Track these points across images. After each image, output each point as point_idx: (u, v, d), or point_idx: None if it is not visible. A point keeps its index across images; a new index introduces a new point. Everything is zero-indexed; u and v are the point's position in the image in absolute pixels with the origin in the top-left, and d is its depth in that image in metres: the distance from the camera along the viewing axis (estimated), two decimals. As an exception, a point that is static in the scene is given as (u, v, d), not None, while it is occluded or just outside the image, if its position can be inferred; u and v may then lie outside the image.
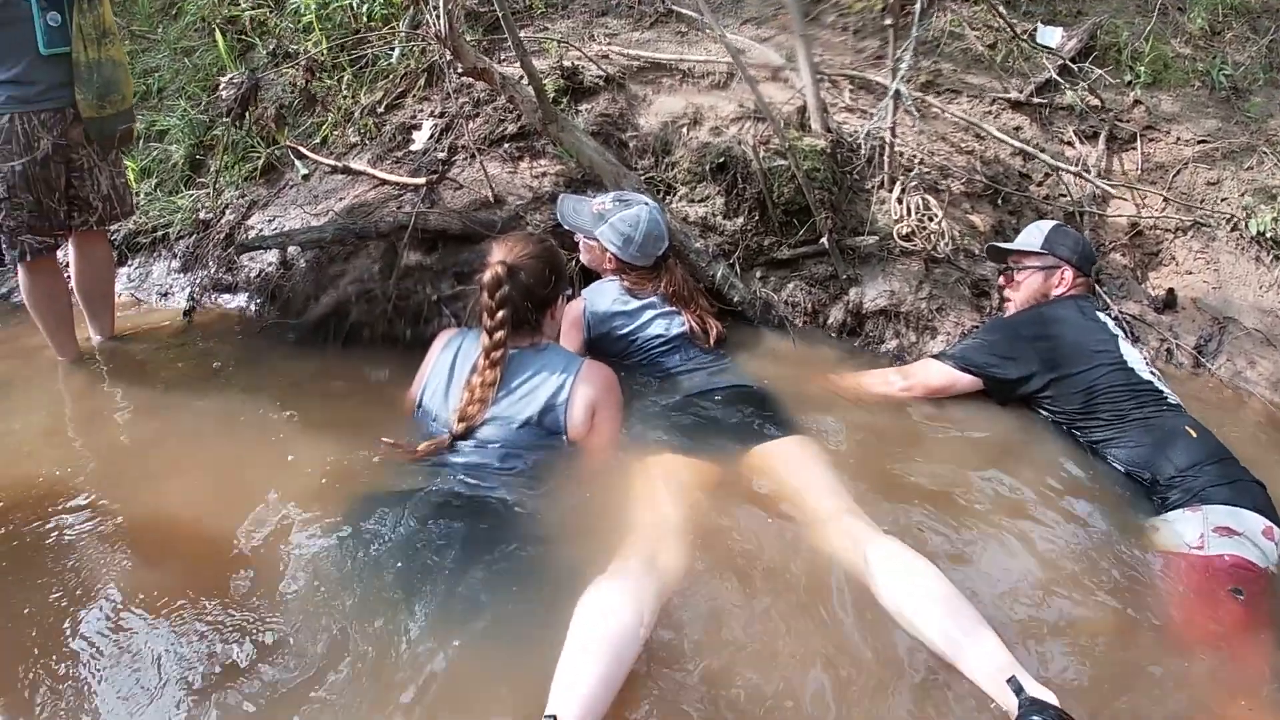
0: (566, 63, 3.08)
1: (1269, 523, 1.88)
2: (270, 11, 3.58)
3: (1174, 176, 3.25)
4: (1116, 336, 2.28)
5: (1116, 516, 1.97)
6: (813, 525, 1.76)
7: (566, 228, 2.53)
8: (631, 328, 2.38)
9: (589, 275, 2.59)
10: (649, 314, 2.39)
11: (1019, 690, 1.35)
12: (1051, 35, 3.40)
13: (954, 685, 1.45)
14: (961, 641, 1.45)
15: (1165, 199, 3.17)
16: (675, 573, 1.60)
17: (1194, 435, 2.07)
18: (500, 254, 1.96)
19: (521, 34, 2.80)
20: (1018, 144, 3.14)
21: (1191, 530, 1.87)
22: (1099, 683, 1.52)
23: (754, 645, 1.52)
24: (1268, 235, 3.03)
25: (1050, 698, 1.34)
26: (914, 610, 1.52)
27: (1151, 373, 2.23)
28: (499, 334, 1.92)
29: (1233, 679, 1.58)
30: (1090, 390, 2.19)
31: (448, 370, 2.00)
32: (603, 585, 1.49)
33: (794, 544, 1.74)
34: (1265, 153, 3.23)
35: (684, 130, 2.95)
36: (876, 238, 2.79)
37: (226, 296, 3.12)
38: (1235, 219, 3.11)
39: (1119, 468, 2.12)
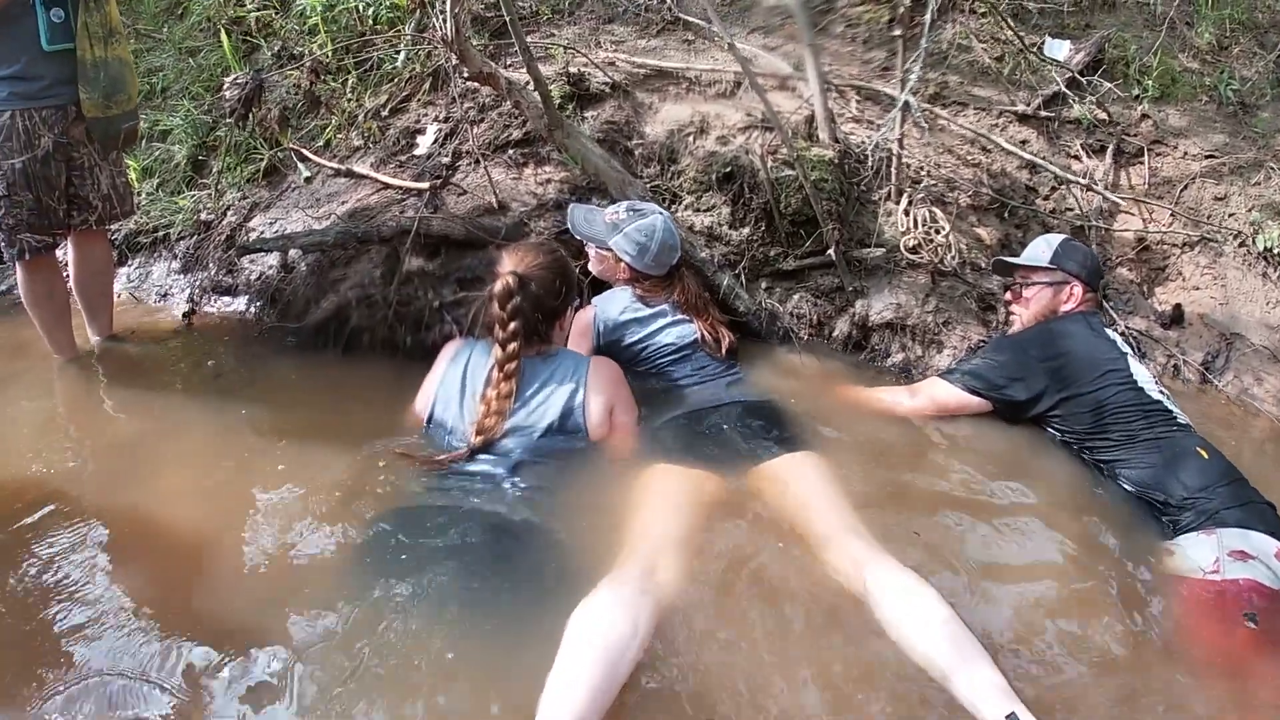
0: (573, 69, 3.06)
1: None
2: (276, 13, 3.56)
3: (1181, 191, 3.23)
4: (1126, 354, 2.25)
5: (1127, 538, 1.95)
6: (815, 544, 1.74)
7: (578, 238, 2.51)
8: (642, 335, 2.36)
9: (597, 285, 2.57)
10: (661, 322, 2.37)
11: None
12: (1059, 48, 3.39)
13: (951, 713, 1.42)
14: (959, 670, 1.43)
15: (1173, 214, 3.15)
16: (673, 587, 1.57)
17: (1205, 456, 2.04)
18: (510, 264, 1.95)
19: (528, 39, 2.79)
20: (1028, 155, 3.12)
21: (1206, 554, 1.84)
22: (1110, 708, 1.49)
23: (750, 663, 1.50)
24: (1275, 251, 3.01)
25: None
26: (913, 635, 1.50)
27: (1161, 392, 2.21)
28: (512, 345, 1.91)
29: (1245, 705, 1.56)
30: (1100, 409, 2.16)
31: (459, 383, 1.98)
32: (598, 596, 1.47)
33: (795, 562, 1.72)
34: (1273, 168, 3.22)
35: (690, 139, 2.93)
36: (883, 250, 2.77)
37: (226, 299, 3.10)
38: (1243, 235, 3.10)
39: (1129, 488, 2.09)
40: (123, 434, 2.31)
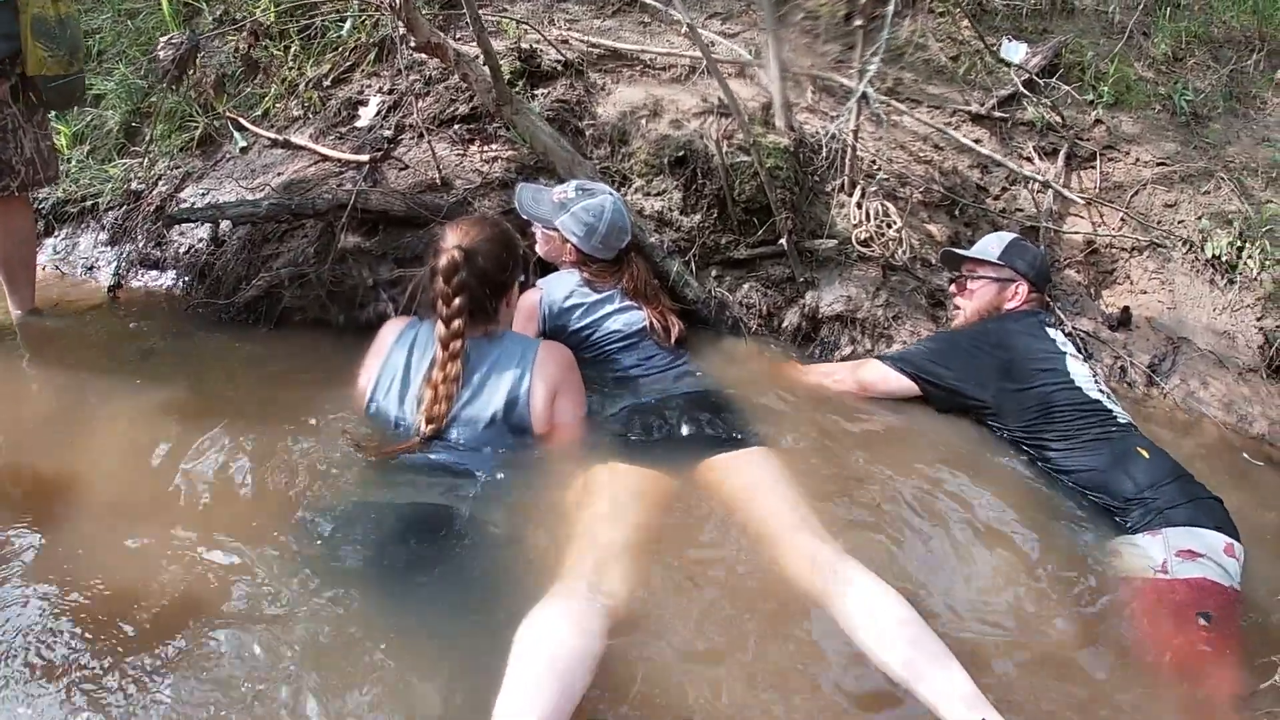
0: (525, 45, 2.98)
1: (1229, 539, 1.85)
2: (220, -24, 3.43)
3: (1132, 197, 3.25)
4: (1064, 354, 2.23)
5: (1077, 538, 1.93)
6: (771, 544, 1.68)
7: (525, 217, 2.43)
8: (590, 321, 2.29)
9: (545, 268, 2.49)
10: (608, 308, 2.30)
11: None
12: (1016, 51, 3.40)
13: (917, 714, 1.39)
14: (925, 671, 1.39)
15: (1123, 218, 3.17)
16: (623, 594, 1.51)
17: (1146, 456, 2.03)
18: (454, 238, 1.86)
19: (480, 12, 2.70)
20: (985, 151, 3.12)
21: (1154, 555, 1.83)
22: (1065, 712, 1.47)
23: (708, 670, 1.45)
24: (1223, 259, 3.04)
25: None
26: (876, 636, 1.45)
27: (1100, 391, 2.19)
28: (456, 323, 1.82)
29: (1201, 706, 1.55)
30: (1036, 409, 2.15)
31: (403, 365, 1.89)
32: (547, 610, 1.40)
33: (751, 563, 1.67)
34: (1223, 178, 3.25)
35: (643, 121, 2.86)
36: (835, 241, 2.74)
37: (154, 273, 2.97)
38: (1191, 241, 3.12)
39: (1075, 486, 2.08)
40: (43, 413, 2.21)
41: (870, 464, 2.09)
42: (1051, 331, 2.31)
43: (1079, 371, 2.20)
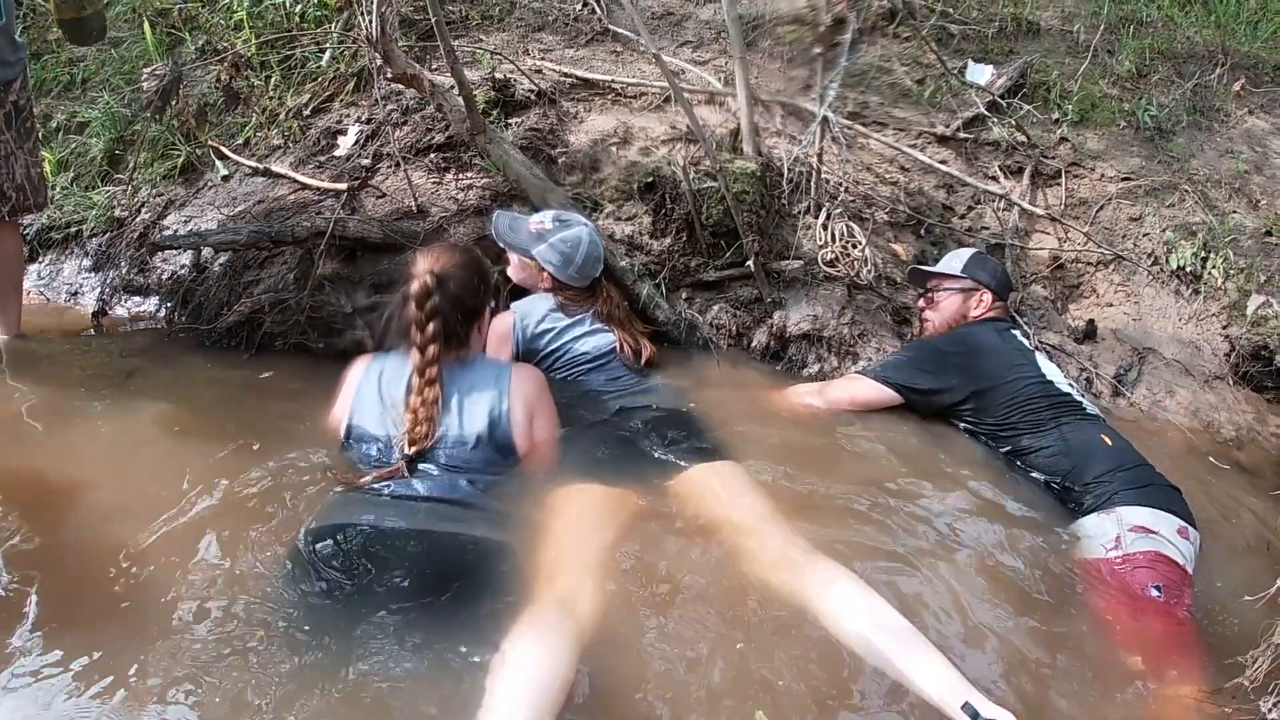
0: (499, 75, 3.04)
1: (1183, 523, 1.92)
2: (202, 6, 3.50)
3: (1097, 212, 3.32)
4: (1033, 351, 2.36)
5: (1037, 527, 2.00)
6: (747, 552, 1.72)
7: (501, 245, 2.48)
8: (561, 344, 2.35)
9: (517, 291, 2.54)
10: (578, 331, 2.37)
11: (974, 715, 1.37)
12: (981, 73, 3.46)
13: (907, 708, 1.45)
14: (909, 665, 1.45)
15: (1086, 235, 3.23)
16: (595, 615, 1.54)
17: (1110, 443, 2.11)
18: (427, 264, 1.88)
19: (456, 44, 2.77)
20: (949, 170, 3.18)
21: (1107, 531, 1.90)
22: (1030, 695, 1.53)
23: (693, 682, 1.48)
24: (1187, 270, 3.10)
25: (1007, 716, 1.36)
26: (860, 633, 1.51)
27: (1070, 385, 2.30)
28: (431, 349, 1.83)
29: (1166, 702, 1.59)
30: (1010, 402, 2.23)
31: (376, 395, 1.88)
32: (520, 637, 1.43)
33: (728, 574, 1.70)
34: (1186, 191, 3.31)
35: (613, 149, 2.93)
36: (801, 262, 2.80)
37: (137, 299, 3.03)
38: (1156, 254, 3.18)
39: (1038, 476, 2.16)
40: (24, 436, 2.21)
41: (835, 472, 2.14)
42: (1018, 334, 2.43)
43: (1050, 368, 2.31)
